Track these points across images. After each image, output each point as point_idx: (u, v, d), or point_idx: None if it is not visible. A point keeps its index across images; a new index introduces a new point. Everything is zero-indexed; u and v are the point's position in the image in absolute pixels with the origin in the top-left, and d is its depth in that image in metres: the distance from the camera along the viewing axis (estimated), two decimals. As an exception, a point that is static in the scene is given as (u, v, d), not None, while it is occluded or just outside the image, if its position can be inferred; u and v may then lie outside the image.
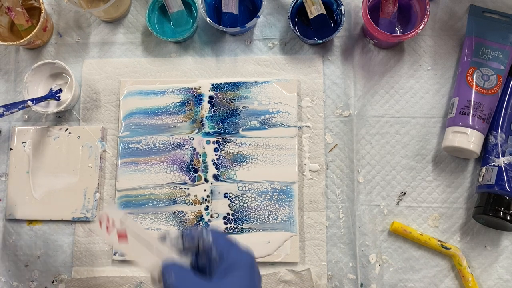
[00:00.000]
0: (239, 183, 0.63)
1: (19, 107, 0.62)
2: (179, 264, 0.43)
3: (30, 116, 0.67)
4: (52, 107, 0.66)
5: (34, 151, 0.65)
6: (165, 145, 0.64)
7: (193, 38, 0.68)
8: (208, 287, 0.41)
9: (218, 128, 0.64)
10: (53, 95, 0.66)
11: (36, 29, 0.64)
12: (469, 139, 0.59)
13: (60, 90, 0.66)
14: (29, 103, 0.63)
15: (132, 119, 0.65)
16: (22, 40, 0.64)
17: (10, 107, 0.62)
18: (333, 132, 0.64)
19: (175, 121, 0.65)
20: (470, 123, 0.59)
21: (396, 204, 0.63)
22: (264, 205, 0.62)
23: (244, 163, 0.63)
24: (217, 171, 0.63)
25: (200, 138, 0.64)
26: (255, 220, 0.62)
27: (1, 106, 0.62)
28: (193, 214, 0.62)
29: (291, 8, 0.63)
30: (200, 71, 0.67)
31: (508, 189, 0.57)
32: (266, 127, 0.64)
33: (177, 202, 0.63)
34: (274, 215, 0.62)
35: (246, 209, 0.62)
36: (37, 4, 0.67)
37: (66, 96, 0.66)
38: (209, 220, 0.62)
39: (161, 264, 0.43)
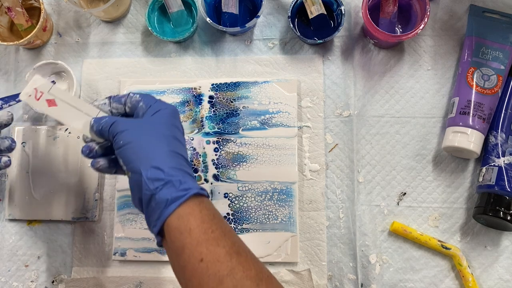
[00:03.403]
0: (239, 183, 0.63)
1: (16, 99, 0.60)
2: (108, 116, 0.50)
3: (30, 116, 0.67)
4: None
5: (34, 151, 0.65)
6: (165, 145, 0.64)
7: (193, 38, 0.68)
8: (139, 122, 0.48)
9: (218, 128, 0.64)
10: None
11: (36, 29, 0.63)
12: (469, 139, 0.59)
13: (54, 82, 0.65)
14: None
15: (132, 119, 0.65)
16: (22, 40, 0.64)
17: (7, 99, 0.60)
18: (333, 132, 0.64)
19: (175, 121, 0.65)
20: (470, 123, 0.59)
21: (396, 204, 0.63)
22: (264, 205, 0.62)
23: (244, 163, 0.63)
24: (217, 171, 0.63)
25: (200, 138, 0.64)
26: (255, 220, 0.62)
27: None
28: (193, 214, 0.62)
29: (291, 8, 0.63)
30: (200, 71, 0.67)
31: (508, 189, 0.57)
32: (266, 127, 0.64)
33: (177, 202, 0.63)
34: (274, 215, 0.62)
35: (246, 209, 0.62)
36: (37, 4, 0.67)
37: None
38: (209, 220, 0.62)
39: (92, 119, 0.49)
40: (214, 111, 0.65)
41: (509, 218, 0.57)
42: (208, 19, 0.63)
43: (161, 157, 0.45)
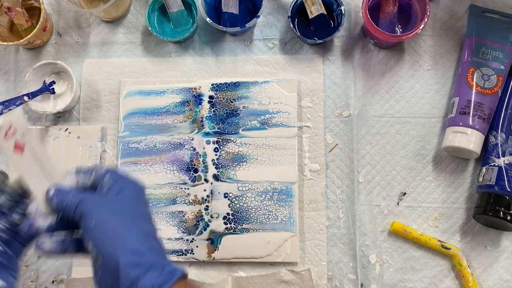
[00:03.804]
0: (239, 183, 0.63)
1: (16, 103, 0.62)
2: (71, 191, 0.45)
3: (30, 116, 0.67)
4: (52, 107, 0.66)
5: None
6: (165, 145, 0.64)
7: (193, 38, 0.68)
8: (108, 201, 0.44)
9: (218, 128, 0.64)
10: (47, 88, 0.65)
11: (36, 29, 0.63)
12: (469, 139, 0.59)
13: (54, 82, 0.66)
14: (25, 98, 0.63)
15: (132, 119, 0.65)
16: (22, 40, 0.64)
17: (7, 104, 0.62)
18: (333, 132, 0.64)
19: (175, 121, 0.65)
20: (470, 123, 0.59)
21: (396, 204, 0.63)
22: (264, 205, 0.62)
23: (244, 163, 0.63)
24: (217, 171, 0.63)
25: (200, 138, 0.64)
26: (255, 220, 0.62)
27: None
28: (193, 214, 0.62)
29: (291, 8, 0.63)
30: (200, 71, 0.67)
31: (508, 189, 0.57)
32: (266, 127, 0.64)
33: (177, 202, 0.63)
34: (274, 215, 0.62)
35: (246, 209, 0.62)
36: (37, 4, 0.67)
37: (66, 97, 0.66)
38: (209, 220, 0.62)
39: (51, 186, 0.44)
40: (214, 111, 0.65)
41: (509, 218, 0.57)
42: (208, 19, 0.63)
43: (138, 240, 0.42)
